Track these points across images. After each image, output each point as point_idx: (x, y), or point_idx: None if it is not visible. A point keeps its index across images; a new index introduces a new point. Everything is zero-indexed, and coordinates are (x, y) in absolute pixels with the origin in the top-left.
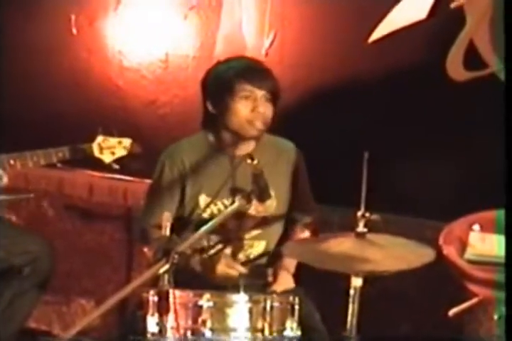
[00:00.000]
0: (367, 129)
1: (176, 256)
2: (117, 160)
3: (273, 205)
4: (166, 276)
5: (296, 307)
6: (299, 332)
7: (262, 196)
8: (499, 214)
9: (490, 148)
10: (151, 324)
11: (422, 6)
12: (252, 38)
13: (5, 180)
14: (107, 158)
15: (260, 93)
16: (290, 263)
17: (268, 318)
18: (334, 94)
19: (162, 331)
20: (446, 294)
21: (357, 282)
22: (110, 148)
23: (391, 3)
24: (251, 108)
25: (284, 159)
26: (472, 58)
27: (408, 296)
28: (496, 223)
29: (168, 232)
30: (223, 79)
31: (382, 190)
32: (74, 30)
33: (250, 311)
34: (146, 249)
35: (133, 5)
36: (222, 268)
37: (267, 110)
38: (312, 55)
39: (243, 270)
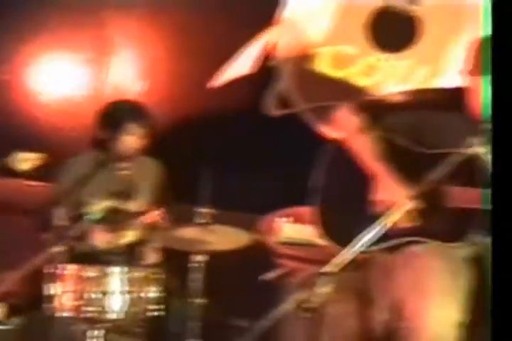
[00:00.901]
0: (212, 148)
1: (70, 240)
2: (32, 169)
3: (140, 203)
4: (63, 254)
5: (159, 276)
6: (160, 294)
7: (133, 197)
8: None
9: (299, 162)
10: (52, 288)
11: (246, 64)
12: (132, 84)
13: None
14: (25, 166)
15: (140, 130)
16: (155, 245)
17: (137, 284)
18: (190, 123)
19: (59, 293)
20: (265, 267)
21: (199, 258)
22: (27, 160)
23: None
24: (133, 140)
25: (150, 172)
26: (282, 100)
27: (239, 270)
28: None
29: (64, 222)
30: (115, 119)
31: (220, 192)
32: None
33: (123, 279)
34: (47, 235)
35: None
36: (95, 236)
37: (142, 141)
38: (174, 96)
39: (110, 238)
